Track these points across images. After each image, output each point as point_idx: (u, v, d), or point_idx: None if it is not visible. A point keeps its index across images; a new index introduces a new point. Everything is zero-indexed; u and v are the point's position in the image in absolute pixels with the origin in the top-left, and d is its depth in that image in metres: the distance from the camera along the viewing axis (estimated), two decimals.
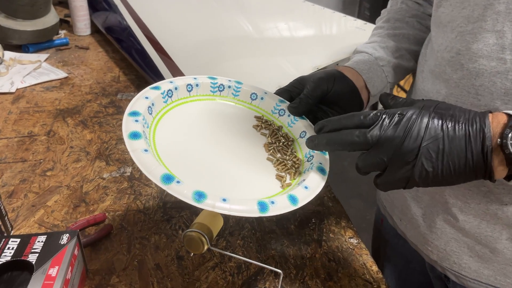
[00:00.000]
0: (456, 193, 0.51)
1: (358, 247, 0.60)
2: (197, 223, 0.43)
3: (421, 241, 0.58)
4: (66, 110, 0.95)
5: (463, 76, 0.46)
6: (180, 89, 0.55)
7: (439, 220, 0.54)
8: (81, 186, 0.70)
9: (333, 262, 0.57)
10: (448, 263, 0.55)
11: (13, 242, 0.50)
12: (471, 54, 0.45)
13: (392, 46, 0.62)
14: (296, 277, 0.55)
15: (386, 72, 0.60)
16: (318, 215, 0.66)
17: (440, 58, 0.50)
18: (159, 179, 0.39)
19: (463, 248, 0.53)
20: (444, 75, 0.49)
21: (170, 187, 0.38)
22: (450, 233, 0.53)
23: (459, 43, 0.46)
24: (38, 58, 1.19)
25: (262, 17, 1.12)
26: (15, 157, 0.77)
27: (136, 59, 1.08)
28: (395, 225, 0.64)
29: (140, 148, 0.41)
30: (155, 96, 0.51)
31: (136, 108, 0.47)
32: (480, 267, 0.52)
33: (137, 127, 0.44)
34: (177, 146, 0.48)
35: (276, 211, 0.40)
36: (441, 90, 0.49)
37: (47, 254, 0.48)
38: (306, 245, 0.60)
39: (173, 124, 0.51)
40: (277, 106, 0.57)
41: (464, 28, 0.46)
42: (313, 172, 0.47)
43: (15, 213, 0.64)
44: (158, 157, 0.44)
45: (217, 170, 0.47)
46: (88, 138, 0.84)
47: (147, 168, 0.39)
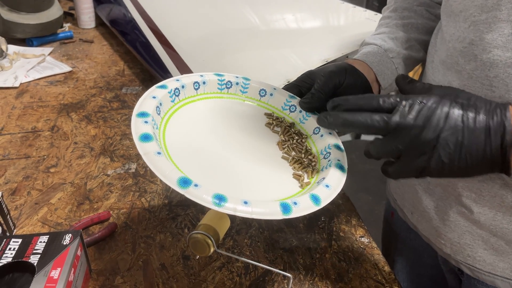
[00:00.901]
0: (470, 186, 0.50)
1: (369, 247, 0.58)
2: (203, 224, 0.41)
3: (433, 234, 0.57)
4: (70, 105, 0.94)
5: (477, 67, 0.45)
6: (187, 87, 0.53)
7: (453, 212, 0.53)
8: (85, 183, 0.69)
9: (344, 262, 0.56)
10: (462, 256, 0.54)
11: (14, 242, 0.49)
12: (484, 45, 0.43)
13: (402, 36, 0.60)
14: (306, 278, 0.53)
15: (396, 64, 0.58)
16: (328, 213, 0.64)
17: (452, 48, 0.48)
18: (176, 184, 0.36)
19: (477, 241, 0.52)
20: (456, 66, 0.47)
21: (188, 191, 0.36)
22: (464, 225, 0.52)
23: (472, 33, 0.45)
24: (42, 52, 1.18)
25: (269, 8, 1.10)
26: (19, 153, 0.76)
27: (140, 52, 1.06)
28: (406, 218, 0.63)
29: (153, 151, 0.39)
30: (163, 95, 0.49)
31: (145, 108, 0.45)
32: (495, 260, 0.51)
33: (147, 128, 0.42)
34: (188, 147, 0.46)
35: (299, 213, 0.38)
36: (453, 82, 0.48)
37: (49, 255, 0.47)
38: (315, 245, 0.58)
39: (182, 124, 0.49)
40: (288, 102, 0.55)
41: (477, 17, 0.44)
42: (333, 169, 0.45)
43: (18, 211, 0.63)
44: (170, 159, 0.42)
45: (232, 170, 0.45)
46: (92, 134, 0.83)
47: (162, 172, 0.37)
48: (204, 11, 1.09)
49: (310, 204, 0.39)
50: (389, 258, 0.73)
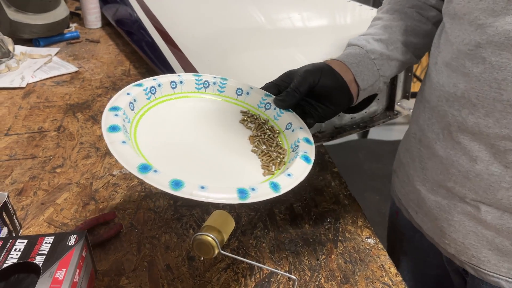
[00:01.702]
0: (477, 187, 0.49)
1: (375, 248, 0.58)
2: (207, 226, 0.41)
3: (438, 234, 0.57)
4: (76, 105, 0.94)
5: (485, 69, 0.45)
6: (164, 86, 0.55)
7: (457, 212, 0.53)
8: (91, 184, 0.69)
9: (350, 264, 0.55)
10: (467, 256, 0.54)
11: (20, 243, 0.49)
12: (493, 48, 0.43)
13: (387, 38, 0.60)
14: (311, 279, 0.53)
15: (378, 65, 0.58)
16: (334, 214, 0.63)
17: (456, 50, 0.48)
18: (136, 169, 0.39)
19: (482, 242, 0.52)
20: (462, 68, 0.47)
21: (147, 177, 0.38)
22: (469, 226, 0.52)
23: (479, 36, 0.45)
24: (49, 52, 1.18)
25: (275, 7, 1.09)
26: (25, 154, 0.76)
27: (146, 52, 1.06)
28: (411, 218, 0.63)
29: (118, 140, 0.41)
30: (137, 92, 0.51)
31: (117, 103, 0.48)
32: (500, 260, 0.51)
33: (116, 120, 0.45)
34: (159, 139, 0.48)
35: (256, 198, 0.40)
36: (459, 84, 0.48)
37: (55, 256, 0.47)
38: (321, 246, 0.58)
39: (156, 120, 0.51)
40: (263, 100, 0.57)
41: (484, 21, 0.44)
42: (298, 160, 0.46)
43: (24, 211, 0.63)
44: (138, 149, 0.45)
45: (200, 161, 0.47)
46: (98, 134, 0.83)
47: (124, 159, 0.39)
48: (210, 10, 1.09)
49: (268, 191, 0.41)
50: (394, 257, 0.73)
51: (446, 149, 0.52)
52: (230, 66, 0.82)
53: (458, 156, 0.50)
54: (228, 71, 0.81)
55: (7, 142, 0.80)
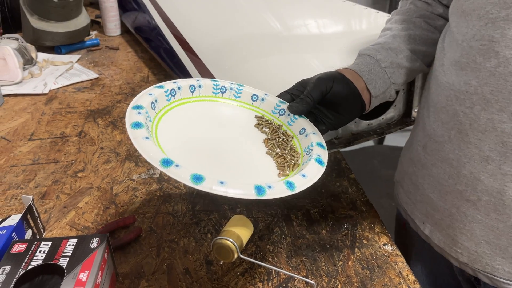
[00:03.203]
0: (489, 190, 0.49)
1: (393, 254, 0.58)
2: (227, 230, 0.42)
3: (449, 243, 0.56)
4: (97, 111, 0.96)
5: (499, 63, 0.44)
6: (183, 89, 0.57)
7: (469, 221, 0.52)
8: (111, 188, 0.70)
9: (367, 270, 0.55)
10: (480, 265, 0.53)
11: (44, 245, 0.50)
12: (507, 41, 0.43)
13: (396, 47, 0.61)
14: (328, 285, 0.53)
15: (389, 73, 0.59)
16: (351, 220, 0.64)
17: (467, 47, 0.48)
18: (159, 163, 0.40)
19: (495, 250, 0.51)
20: (473, 64, 0.47)
21: (169, 170, 0.40)
22: (481, 235, 0.51)
23: (492, 30, 0.44)
24: (70, 59, 1.21)
25: (291, 14, 1.10)
26: (48, 158, 0.78)
27: (164, 59, 1.08)
28: (418, 229, 0.62)
29: (141, 136, 0.43)
30: (159, 93, 0.53)
31: (140, 102, 0.50)
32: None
33: (139, 118, 0.46)
34: (178, 138, 0.50)
35: (273, 195, 0.41)
36: (471, 81, 0.47)
37: (78, 258, 0.48)
38: (338, 252, 0.58)
39: (176, 120, 0.53)
40: (277, 107, 0.59)
41: (496, 14, 0.44)
42: (311, 162, 0.48)
43: (47, 214, 0.65)
44: (159, 146, 0.47)
45: (218, 160, 0.49)
46: (118, 139, 0.85)
47: (147, 153, 0.41)
48: (227, 18, 1.10)
49: (284, 189, 0.42)
50: None
51: (455, 150, 0.51)
52: (246, 72, 0.84)
53: (468, 157, 0.49)
54: (245, 77, 0.82)
55: (30, 147, 0.82)
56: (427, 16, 0.63)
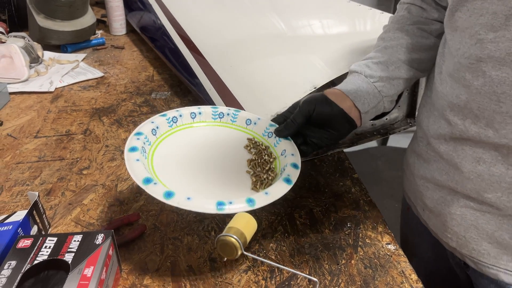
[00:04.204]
0: (477, 188, 0.51)
1: (396, 254, 0.58)
2: (231, 227, 0.42)
3: (441, 228, 0.59)
4: (102, 109, 0.97)
5: (485, 83, 0.46)
6: (185, 116, 0.65)
7: (459, 206, 0.55)
8: (116, 185, 0.71)
9: (370, 269, 0.55)
10: (467, 249, 0.56)
11: (50, 241, 0.51)
12: (494, 62, 0.45)
13: (386, 60, 0.62)
14: (331, 283, 0.53)
15: (379, 87, 0.61)
16: (354, 220, 0.64)
17: (458, 63, 0.50)
18: (141, 181, 0.49)
19: (482, 235, 0.54)
20: (463, 81, 0.49)
21: (147, 187, 0.48)
22: (470, 220, 0.54)
23: (479, 51, 0.46)
24: (76, 58, 1.22)
25: (295, 15, 1.10)
26: (54, 155, 0.79)
27: (169, 58, 1.08)
28: (419, 214, 0.65)
29: (133, 158, 0.53)
30: (161, 121, 0.62)
31: (141, 130, 0.59)
32: (499, 253, 0.53)
33: (137, 143, 0.56)
34: (172, 158, 0.58)
35: (231, 210, 0.47)
36: (461, 96, 0.49)
37: (83, 254, 0.49)
38: (341, 251, 0.58)
39: (175, 142, 0.62)
40: (267, 130, 0.65)
41: (484, 36, 0.45)
42: (279, 182, 0.54)
43: (52, 210, 0.65)
44: (151, 164, 0.56)
45: (198, 178, 0.56)
46: (123, 137, 0.85)
47: (133, 172, 0.50)
48: (232, 18, 1.11)
49: (244, 205, 0.48)
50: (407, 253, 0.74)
51: (449, 152, 0.53)
52: (251, 72, 0.84)
53: (461, 158, 0.52)
54: (250, 76, 0.82)
55: (36, 144, 0.83)
56: (421, 22, 0.63)
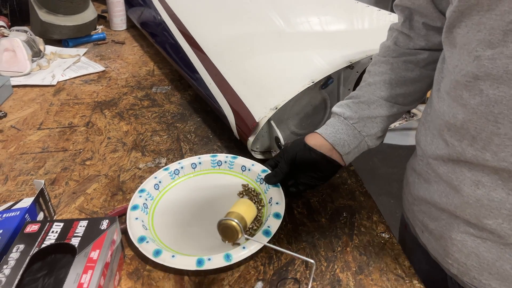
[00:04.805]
0: (477, 213, 0.48)
1: (390, 242, 0.60)
2: (232, 212, 0.44)
3: (441, 253, 0.56)
4: (104, 102, 0.98)
5: (482, 102, 0.44)
6: (186, 167, 0.70)
7: (460, 232, 0.52)
8: (118, 176, 0.73)
9: (364, 256, 0.57)
10: (469, 278, 0.53)
11: (57, 226, 0.53)
12: (492, 80, 0.42)
13: (367, 99, 0.62)
14: (327, 269, 0.55)
15: (359, 128, 0.62)
16: (350, 210, 0.66)
17: (454, 81, 0.47)
18: (136, 240, 0.56)
19: (483, 264, 0.50)
20: (460, 100, 0.46)
21: (141, 246, 0.55)
22: (471, 246, 0.51)
23: (476, 68, 0.43)
24: (77, 53, 1.24)
25: (294, 12, 1.12)
26: (57, 147, 0.81)
27: (170, 53, 1.10)
28: (417, 235, 0.62)
29: (133, 217, 0.59)
30: (163, 175, 0.68)
31: (144, 186, 0.65)
32: (500, 285, 0.50)
33: (139, 201, 0.62)
34: (171, 209, 0.64)
35: (210, 266, 0.51)
36: (458, 115, 0.47)
37: (89, 238, 0.51)
38: (337, 238, 0.60)
39: (177, 193, 0.67)
40: (259, 176, 0.68)
41: (481, 52, 0.43)
42: (258, 234, 0.55)
43: (57, 199, 0.67)
44: (151, 218, 0.62)
45: (191, 228, 0.60)
46: (125, 130, 0.87)
47: (131, 230, 0.57)
48: (232, 14, 1.12)
49: (221, 261, 0.51)
50: None
51: (448, 173, 0.51)
52: (251, 66, 0.86)
53: (459, 181, 0.49)
54: (250, 71, 0.84)
55: (39, 135, 0.84)
56: (407, 53, 0.62)
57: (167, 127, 0.88)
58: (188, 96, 1.02)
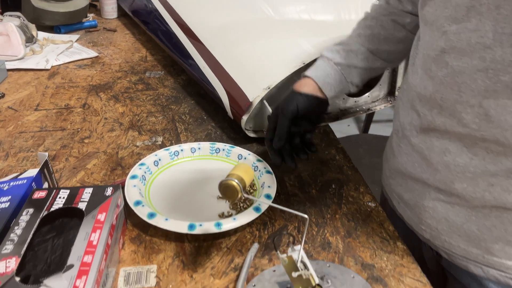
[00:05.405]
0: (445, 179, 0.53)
1: (375, 210, 0.64)
2: (232, 173, 0.48)
3: (415, 221, 0.61)
4: (99, 86, 1.01)
5: (448, 73, 0.48)
6: (185, 151, 0.74)
7: (431, 199, 0.56)
8: (117, 152, 0.76)
9: (352, 222, 0.62)
10: (440, 241, 0.58)
11: (63, 192, 0.55)
12: (456, 53, 0.46)
13: (357, 49, 0.66)
14: (318, 234, 0.59)
15: (346, 74, 0.66)
16: (338, 182, 0.70)
17: (426, 55, 0.52)
18: (132, 203, 0.59)
19: (452, 227, 0.55)
20: (430, 72, 0.51)
21: (136, 208, 0.58)
22: (441, 212, 0.55)
23: (443, 42, 0.48)
24: (70, 39, 1.25)
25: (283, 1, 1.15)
26: (55, 126, 0.83)
27: (162, 40, 1.12)
28: (394, 207, 0.67)
29: (131, 184, 0.63)
30: (163, 154, 0.71)
31: (144, 161, 0.69)
32: (468, 245, 0.54)
33: (138, 172, 0.66)
34: (168, 184, 0.68)
35: (201, 231, 0.55)
36: (428, 87, 0.51)
37: (95, 203, 0.53)
38: (326, 207, 0.64)
39: (174, 172, 0.70)
40: (254, 164, 0.71)
41: (447, 28, 0.47)
42: (248, 210, 0.59)
43: (58, 173, 0.69)
44: (148, 189, 0.65)
45: (185, 203, 0.64)
46: (121, 111, 0.90)
47: (128, 195, 0.60)
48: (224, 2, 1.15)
49: (211, 227, 0.55)
50: None
51: (419, 144, 0.55)
52: (243, 50, 0.89)
53: (429, 150, 0.54)
54: (242, 55, 0.87)
55: (37, 116, 0.87)
56: (396, 14, 0.67)
57: (162, 109, 0.91)
58: (182, 81, 1.05)
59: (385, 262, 0.55)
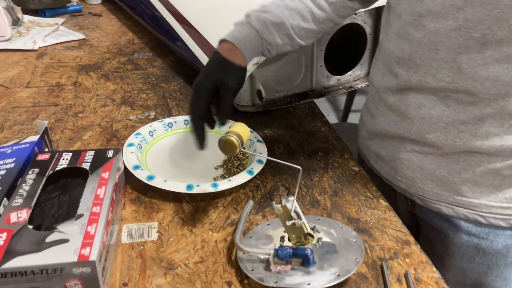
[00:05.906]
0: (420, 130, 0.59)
1: (359, 173, 0.69)
2: (230, 131, 0.51)
3: (392, 174, 0.67)
4: (88, 66, 1.02)
5: (425, 35, 0.54)
6: (179, 122, 0.77)
7: (406, 151, 0.63)
8: (111, 125, 0.78)
9: (338, 184, 0.66)
10: (415, 189, 0.64)
11: (66, 155, 0.58)
12: (432, 16, 0.53)
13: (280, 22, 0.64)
14: (307, 193, 0.64)
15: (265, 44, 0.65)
16: (324, 150, 0.75)
17: (403, 21, 0.58)
18: (131, 167, 0.62)
19: (426, 174, 0.62)
20: (407, 35, 0.57)
21: (135, 172, 0.61)
22: (416, 162, 0.62)
23: (420, 7, 0.54)
24: (56, 22, 1.26)
25: None
26: (48, 102, 0.85)
27: (149, 23, 1.14)
28: (372, 166, 0.73)
29: (129, 151, 0.66)
30: (158, 125, 0.75)
31: (140, 131, 0.72)
32: (440, 189, 0.61)
33: (134, 140, 0.69)
34: (163, 152, 0.72)
35: (199, 191, 0.59)
36: (405, 49, 0.58)
37: (98, 164, 0.56)
38: (314, 171, 0.69)
39: (169, 142, 0.74)
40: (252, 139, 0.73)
41: None
42: (242, 173, 0.63)
43: (56, 144, 0.72)
44: (145, 156, 0.69)
45: (181, 168, 0.69)
46: (112, 89, 0.92)
47: (127, 160, 0.63)
48: None
49: (208, 187, 0.59)
50: None
51: (396, 102, 0.61)
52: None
53: (406, 106, 0.60)
54: None
55: (28, 93, 0.88)
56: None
57: (152, 87, 0.94)
58: (170, 62, 1.08)
59: (370, 216, 0.60)
